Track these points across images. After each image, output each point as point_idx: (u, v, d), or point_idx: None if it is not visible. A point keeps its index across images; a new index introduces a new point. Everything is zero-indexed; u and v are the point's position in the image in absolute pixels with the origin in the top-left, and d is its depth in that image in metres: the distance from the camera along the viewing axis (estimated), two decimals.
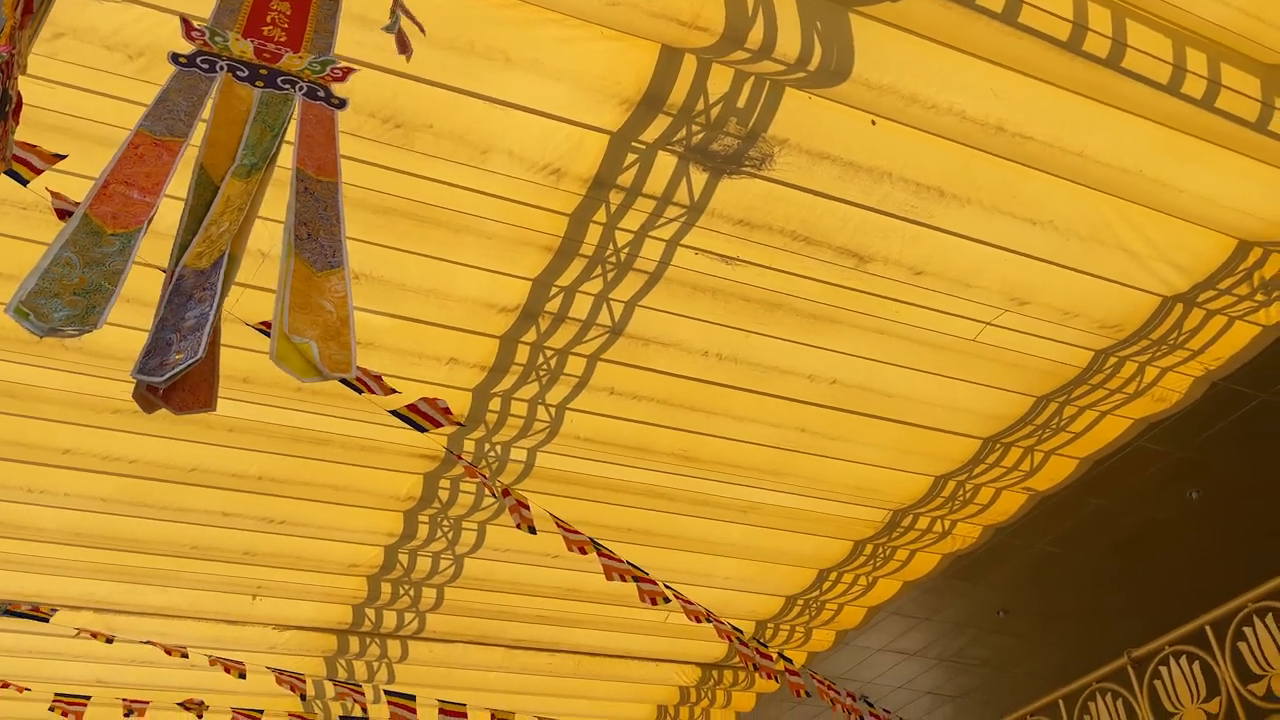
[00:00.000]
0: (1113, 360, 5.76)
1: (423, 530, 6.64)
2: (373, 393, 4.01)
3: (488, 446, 6.00)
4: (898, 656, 12.92)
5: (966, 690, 13.62)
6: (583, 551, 5.34)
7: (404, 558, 6.89)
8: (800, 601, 8.38)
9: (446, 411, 4.32)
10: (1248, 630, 7.93)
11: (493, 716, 7.22)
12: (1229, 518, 10.61)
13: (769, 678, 7.17)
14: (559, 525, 5.38)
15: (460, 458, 5.17)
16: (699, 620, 6.09)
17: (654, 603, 5.81)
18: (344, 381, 3.94)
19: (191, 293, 1.62)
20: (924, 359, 5.85)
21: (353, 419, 5.55)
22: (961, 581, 11.58)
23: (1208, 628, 8.30)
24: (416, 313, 5.16)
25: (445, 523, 6.61)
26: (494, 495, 5.59)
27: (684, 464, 6.49)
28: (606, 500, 6.73)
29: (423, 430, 5.14)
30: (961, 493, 6.98)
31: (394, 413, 4.33)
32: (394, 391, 4.13)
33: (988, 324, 5.56)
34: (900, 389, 6.06)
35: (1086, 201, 4.84)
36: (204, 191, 1.81)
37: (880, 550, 7.74)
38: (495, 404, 5.69)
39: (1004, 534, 8.26)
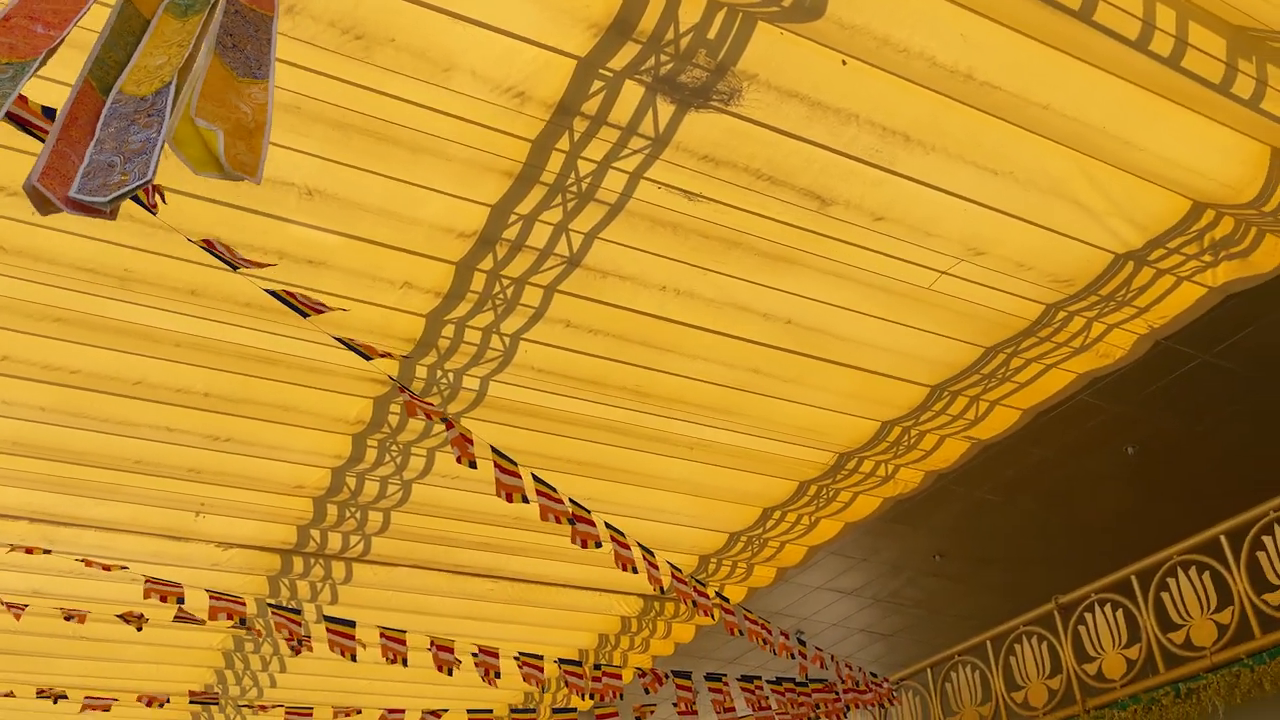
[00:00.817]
0: (1062, 314, 5.85)
1: (370, 454, 6.60)
2: (318, 313, 3.93)
3: (440, 373, 5.95)
4: (835, 595, 13.25)
5: (899, 629, 14.05)
6: (510, 499, 5.30)
7: (351, 481, 6.86)
8: (744, 538, 8.52)
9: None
10: (1171, 581, 8.25)
11: (432, 643, 7.29)
12: (1162, 474, 10.95)
13: (704, 614, 7.32)
14: (497, 467, 5.35)
15: (404, 389, 5.08)
16: (624, 568, 6.14)
17: (585, 545, 5.85)
18: (290, 305, 3.86)
19: (134, 118, 1.57)
20: (879, 305, 5.89)
21: (302, 339, 5.46)
22: (901, 525, 11.85)
23: (1134, 578, 8.62)
24: (371, 233, 5.06)
25: (394, 448, 6.58)
26: (442, 420, 5.54)
27: (637, 399, 6.51)
28: (558, 433, 6.74)
29: (367, 358, 5.08)
30: (906, 438, 7.10)
31: (337, 338, 4.27)
32: (328, 310, 4.05)
33: (943, 273, 5.60)
34: (853, 333, 6.11)
35: (1048, 154, 4.86)
36: (131, 22, 1.73)
37: (824, 491, 7.86)
38: (449, 331, 5.63)
39: (945, 480, 8.43)
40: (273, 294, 3.72)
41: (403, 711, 8.68)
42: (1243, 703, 7.65)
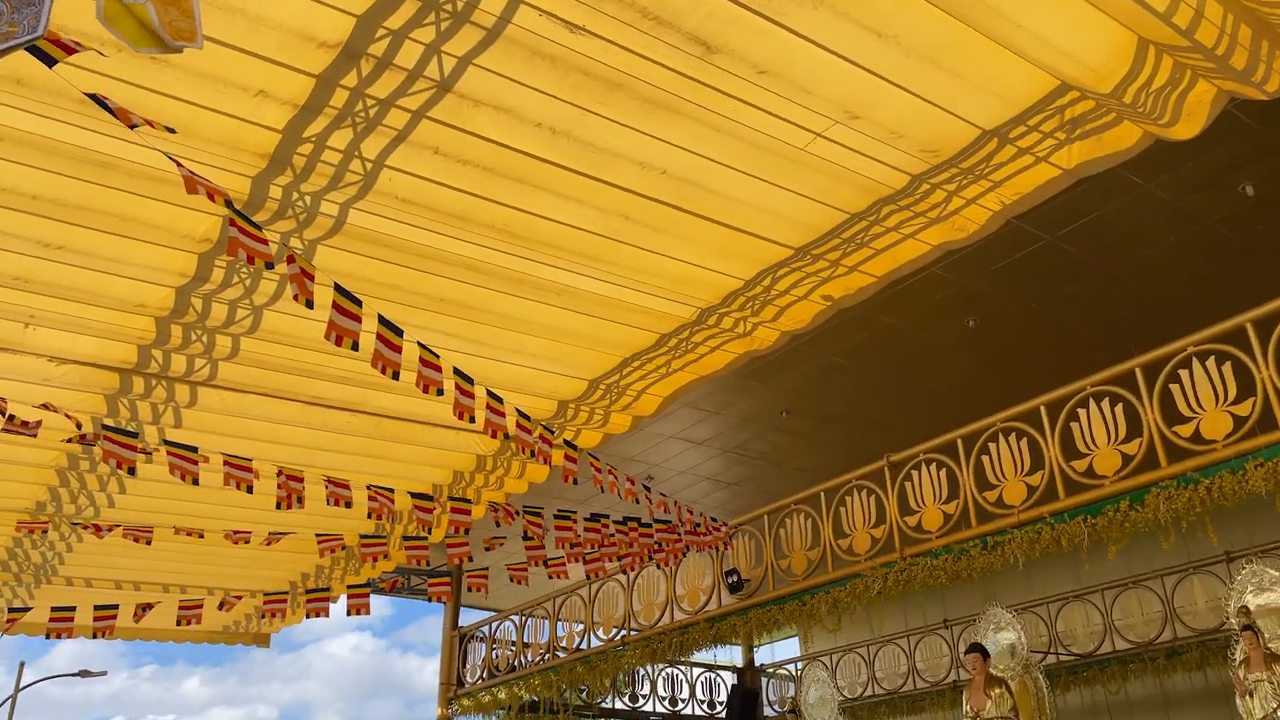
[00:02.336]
0: (925, 186, 6.00)
1: (218, 274, 6.29)
2: (149, 125, 3.62)
3: (295, 195, 5.65)
4: (686, 444, 13.79)
5: (742, 479, 14.82)
6: (339, 343, 5.17)
7: (197, 302, 6.54)
8: (603, 386, 8.65)
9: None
10: (992, 446, 8.91)
11: (281, 473, 7.20)
12: (998, 348, 11.68)
13: (544, 461, 7.47)
14: (336, 308, 5.18)
15: (236, 218, 4.78)
16: (461, 417, 6.16)
17: (426, 390, 5.81)
18: (107, 109, 3.55)
19: None
20: (753, 163, 5.89)
21: (145, 145, 5.06)
22: (753, 381, 12.32)
23: (959, 441, 9.27)
24: (223, 34, 4.65)
25: (244, 270, 6.28)
26: (267, 266, 5.30)
27: (504, 239, 6.39)
28: (420, 268, 6.57)
29: (191, 192, 4.76)
30: (766, 297, 7.26)
31: (169, 156, 3.97)
32: (157, 126, 3.75)
33: (819, 134, 5.62)
34: (726, 189, 6.12)
35: (933, 22, 4.87)
36: None
37: (683, 344, 8.02)
38: (306, 149, 5.32)
39: (798, 341, 8.72)
40: (92, 97, 3.40)
41: (248, 534, 8.65)
42: (1040, 556, 8.46)
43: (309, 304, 4.88)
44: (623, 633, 12.59)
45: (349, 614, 9.30)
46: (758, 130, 5.60)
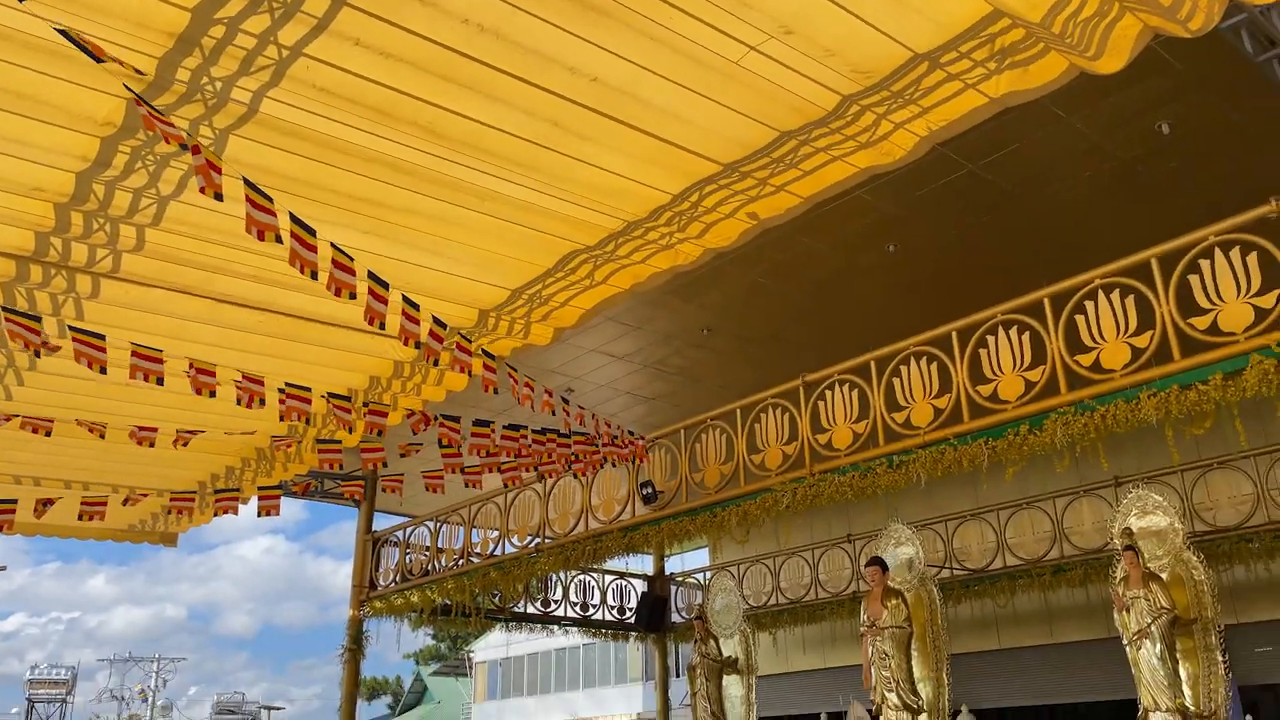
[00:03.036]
0: (855, 107, 6.00)
1: (121, 160, 5.97)
2: None
3: (205, 79, 5.37)
4: (607, 358, 13.86)
5: (661, 395, 14.99)
6: (261, 237, 5.01)
7: (99, 189, 6.22)
8: (525, 295, 8.56)
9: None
10: (903, 368, 9.16)
11: (192, 366, 7.00)
12: (915, 274, 11.92)
13: (461, 370, 7.42)
14: (250, 202, 5.00)
15: (141, 101, 4.54)
16: (372, 323, 6.06)
17: (339, 294, 5.69)
18: None
19: None
20: (687, 74, 5.79)
21: (38, 15, 4.72)
22: (676, 298, 12.38)
23: (873, 363, 9.51)
24: None
25: (150, 157, 5.97)
26: (181, 147, 5.08)
27: (426, 138, 6.19)
28: (338, 165, 6.34)
29: (98, 60, 4.50)
30: (693, 212, 7.23)
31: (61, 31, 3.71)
32: None
33: (753, 48, 5.54)
34: (658, 100, 6.01)
35: None
36: None
37: (607, 256, 7.96)
38: (217, 31, 5.03)
39: (722, 259, 8.74)
40: None
41: (153, 432, 8.44)
42: (942, 476, 8.80)
43: (218, 197, 4.69)
44: (537, 540, 12.78)
45: (260, 514, 9.22)
46: (693, 41, 5.49)
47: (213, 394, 7.42)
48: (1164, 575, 10.47)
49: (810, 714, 14.43)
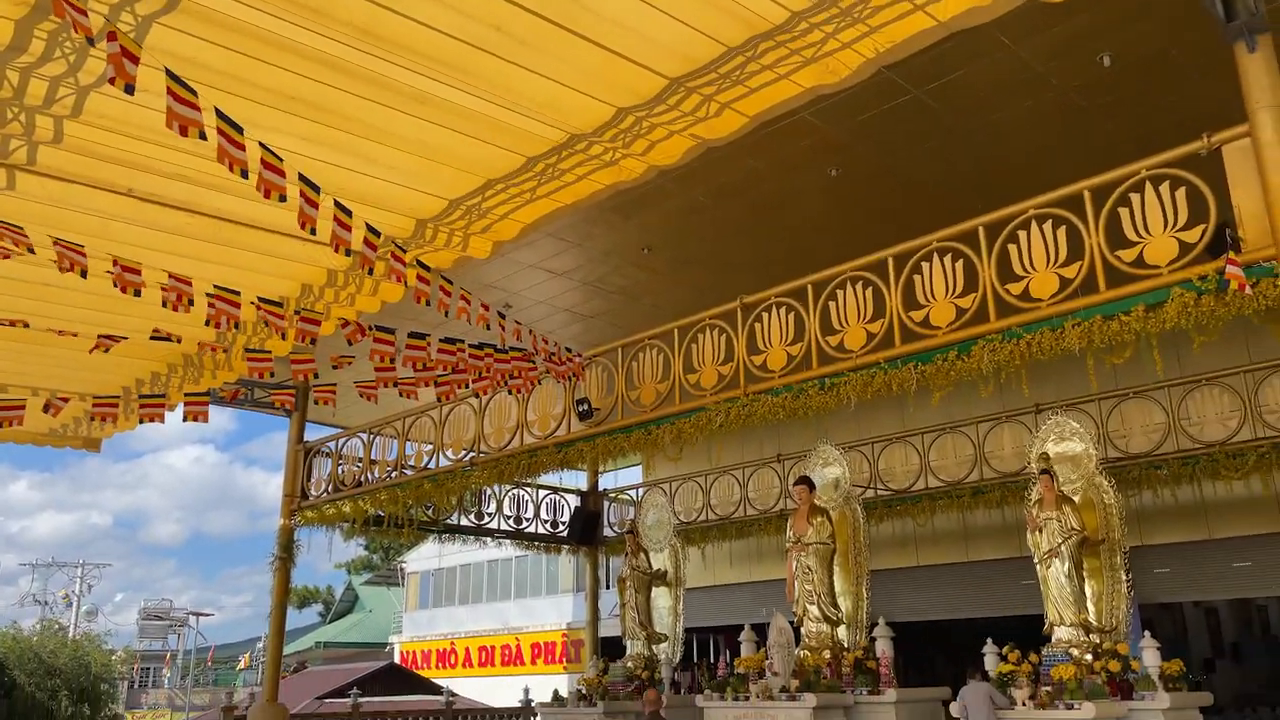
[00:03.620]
0: (804, 24, 5.92)
1: (39, 47, 5.64)
2: None
3: None
4: (546, 274, 13.75)
5: (599, 312, 14.96)
6: (184, 133, 4.82)
7: (13, 75, 5.88)
8: (464, 207, 8.41)
9: None
10: (839, 293, 9.27)
11: (116, 262, 6.76)
12: (855, 198, 11.97)
13: (397, 280, 7.29)
14: (172, 95, 4.78)
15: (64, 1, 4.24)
16: (304, 227, 5.92)
17: (268, 195, 5.52)
18: None
19: None
20: None
21: None
22: (616, 215, 12.28)
23: (810, 286, 9.59)
24: None
25: (68, 44, 5.66)
26: (88, 41, 4.82)
27: (364, 38, 5.96)
28: (269, 60, 6.08)
29: None
30: (638, 128, 7.13)
31: None
32: None
33: None
34: (604, 8, 5.86)
35: None
36: None
37: (550, 169, 7.84)
38: None
39: (664, 177, 8.68)
40: None
41: (74, 335, 8.18)
42: (871, 399, 8.99)
43: (129, 89, 4.47)
44: (472, 454, 12.81)
45: (186, 419, 9.07)
46: None
47: (138, 293, 7.18)
48: (1076, 498, 10.94)
49: (735, 625, 14.89)
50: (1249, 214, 6.62)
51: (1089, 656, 9.92)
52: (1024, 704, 9.62)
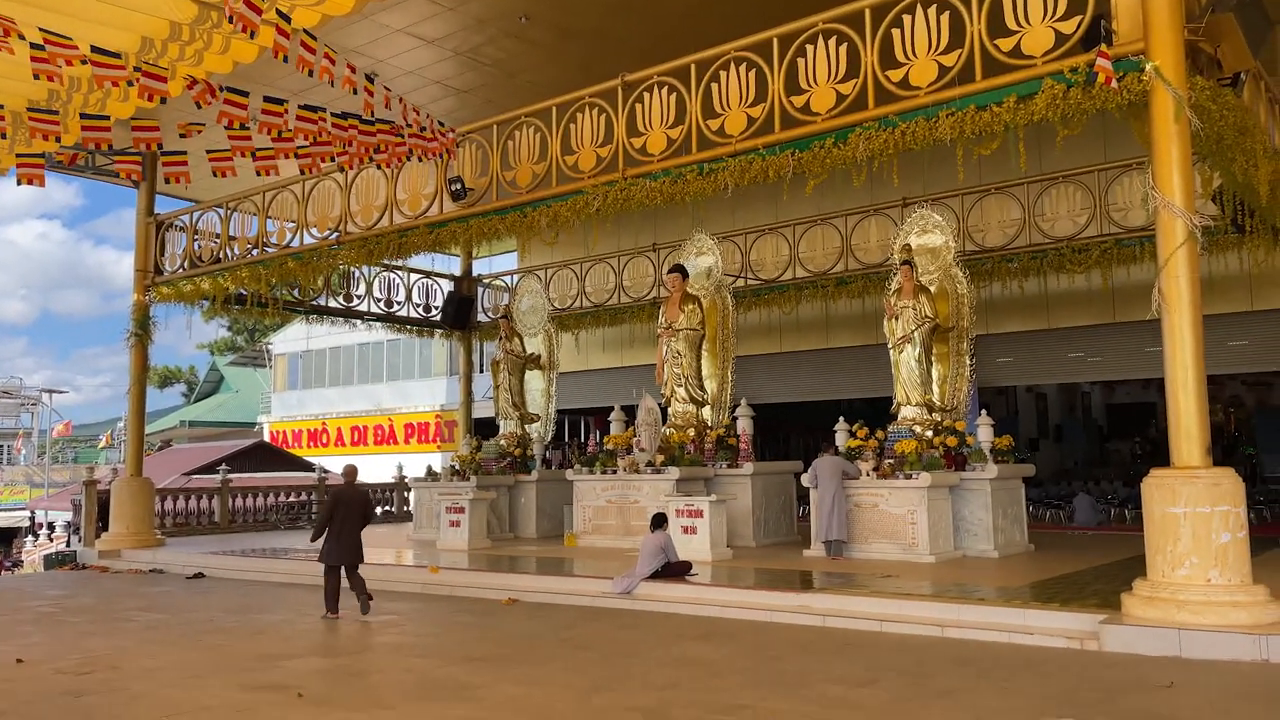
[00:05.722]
0: None
1: None
2: None
3: None
4: (416, 41, 12.86)
5: (474, 87, 14.21)
6: None
7: None
8: None
9: None
10: (723, 74, 9.06)
11: None
12: None
13: (252, 35, 6.69)
14: None
15: None
16: None
17: None
18: None
19: None
20: None
21: None
22: None
23: (692, 66, 9.33)
24: None
25: None
26: None
27: None
28: None
29: None
30: None
31: None
32: None
33: None
34: None
35: None
36: None
37: None
38: None
39: None
40: None
41: None
42: (749, 185, 9.01)
43: None
44: (337, 233, 12.35)
45: (19, 184, 8.34)
46: None
47: None
48: (932, 288, 11.49)
49: (605, 408, 15.37)
50: (1124, 6, 6.69)
51: (930, 433, 10.74)
52: (869, 474, 10.44)
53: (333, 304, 16.94)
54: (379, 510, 19.97)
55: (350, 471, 8.86)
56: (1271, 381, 21.89)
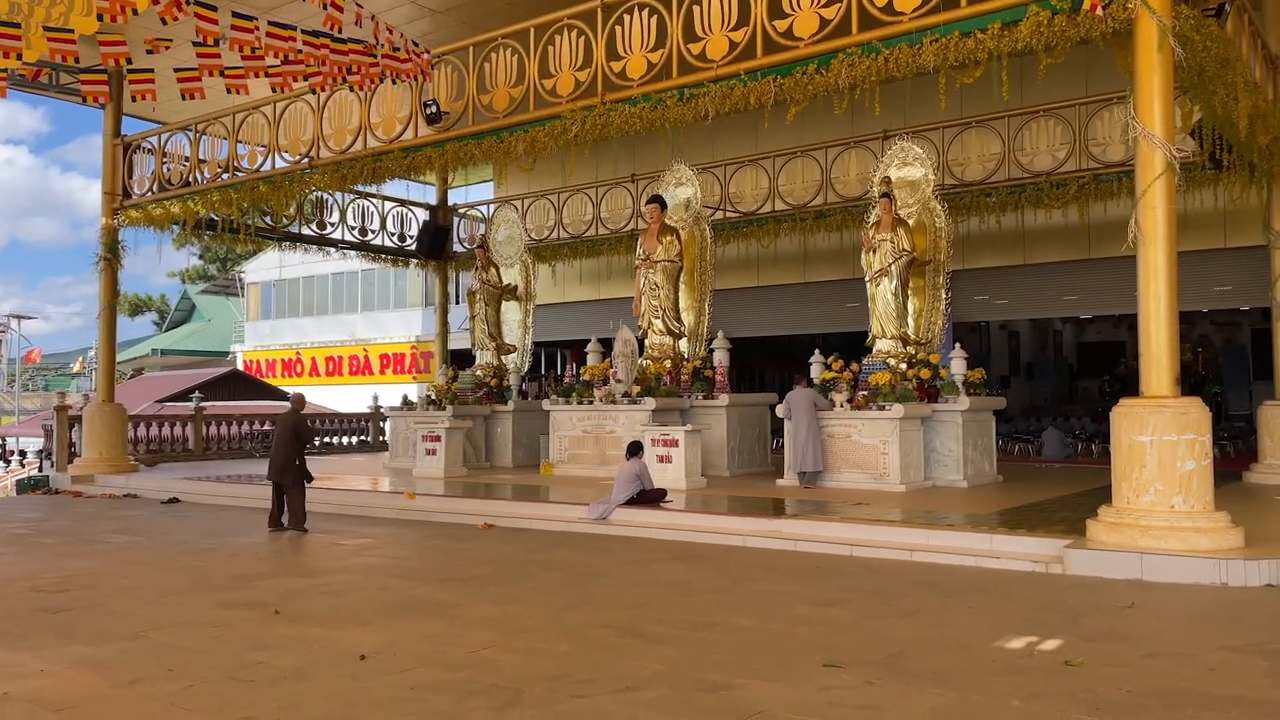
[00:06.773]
0: None
1: None
2: None
3: None
4: None
5: (449, 8, 13.85)
6: None
7: None
8: None
9: None
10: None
11: None
12: None
13: None
14: None
15: None
16: None
17: None
18: None
19: None
20: None
21: None
22: None
23: None
24: None
25: None
26: None
27: None
28: None
29: None
30: None
31: None
32: None
33: None
34: None
35: None
36: None
37: None
38: None
39: None
40: None
41: None
42: (730, 112, 8.89)
43: None
44: (309, 157, 12.11)
45: None
46: None
47: None
48: (911, 221, 11.47)
49: (582, 340, 15.34)
50: None
51: (904, 366, 10.83)
52: (842, 406, 10.53)
53: (306, 231, 16.70)
54: (354, 439, 19.98)
55: (296, 399, 9.82)
56: (1239, 321, 22.19)
